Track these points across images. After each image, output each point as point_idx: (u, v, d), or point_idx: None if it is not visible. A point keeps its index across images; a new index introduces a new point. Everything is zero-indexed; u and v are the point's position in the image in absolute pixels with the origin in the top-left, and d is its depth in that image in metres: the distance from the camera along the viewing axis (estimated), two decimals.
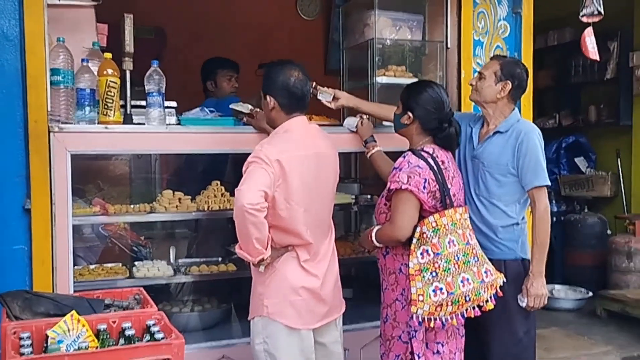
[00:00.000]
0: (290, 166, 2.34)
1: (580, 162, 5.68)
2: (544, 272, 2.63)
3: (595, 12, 3.25)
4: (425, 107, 2.55)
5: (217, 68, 3.99)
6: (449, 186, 2.50)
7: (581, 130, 5.65)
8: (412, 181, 2.43)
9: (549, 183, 2.69)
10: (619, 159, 5.38)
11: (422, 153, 2.51)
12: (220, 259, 3.42)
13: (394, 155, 3.03)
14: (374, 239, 2.58)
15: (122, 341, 1.95)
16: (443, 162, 2.52)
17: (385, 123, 3.33)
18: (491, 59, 2.88)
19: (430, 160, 2.49)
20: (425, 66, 3.62)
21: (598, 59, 3.40)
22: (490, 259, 2.59)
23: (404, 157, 2.53)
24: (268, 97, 2.48)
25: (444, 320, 2.40)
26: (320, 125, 2.79)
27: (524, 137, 2.66)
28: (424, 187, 2.43)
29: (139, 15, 2.94)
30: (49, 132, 2.61)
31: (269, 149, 2.35)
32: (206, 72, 4.01)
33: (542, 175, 2.65)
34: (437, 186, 2.46)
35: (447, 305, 2.37)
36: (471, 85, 2.80)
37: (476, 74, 2.83)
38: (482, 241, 2.65)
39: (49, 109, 2.62)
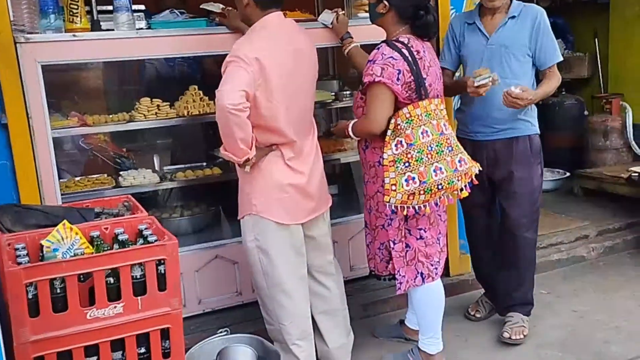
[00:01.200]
0: (270, 63, 2.30)
1: (558, 43, 5.63)
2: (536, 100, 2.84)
3: None
4: None
5: None
6: (425, 76, 2.49)
7: (559, 11, 5.56)
8: (386, 73, 2.41)
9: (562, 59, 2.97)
10: (596, 39, 5.36)
11: (396, 44, 2.48)
12: (204, 163, 3.44)
13: (372, 48, 3.00)
14: (350, 132, 2.60)
15: (116, 246, 2.00)
16: (418, 52, 2.49)
17: (360, 15, 3.26)
18: None
19: (404, 50, 2.46)
20: None
21: None
22: (517, 137, 2.87)
23: (378, 48, 2.50)
24: None
25: (416, 208, 2.46)
26: (295, 20, 2.72)
27: (541, 19, 2.84)
28: (398, 79, 2.42)
29: None
30: (15, 42, 2.52)
31: (247, 47, 2.30)
32: None
33: (558, 53, 2.90)
34: (412, 77, 2.44)
35: (419, 194, 2.43)
36: None
37: None
38: (507, 122, 2.86)
39: (12, 19, 2.51)
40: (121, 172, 3.21)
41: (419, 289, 2.68)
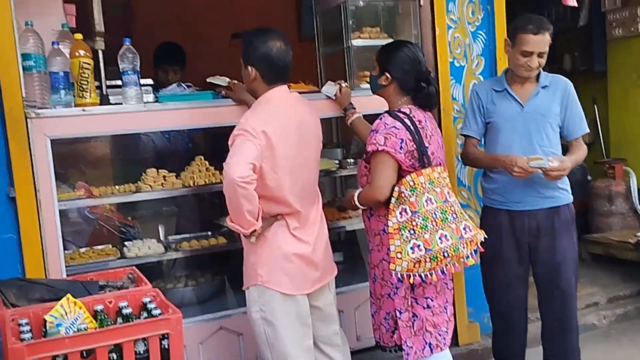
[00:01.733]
0: (276, 136, 2.34)
1: None
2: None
3: None
4: (402, 67, 2.56)
5: (156, 59, 3.82)
6: (427, 145, 2.53)
7: None
8: (389, 142, 2.45)
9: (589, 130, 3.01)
10: (595, 106, 5.45)
11: (398, 114, 2.53)
12: (209, 232, 3.44)
13: (374, 118, 3.06)
14: (356, 201, 2.62)
15: (120, 320, 1.98)
16: (420, 122, 2.54)
17: (362, 86, 3.34)
18: (541, 32, 2.74)
19: (406, 120, 2.50)
20: (399, 26, 3.61)
21: (576, 4, 3.45)
22: (558, 206, 2.88)
23: (381, 119, 2.55)
24: (249, 68, 2.45)
25: (423, 276, 2.44)
26: (299, 92, 2.79)
27: (570, 90, 2.91)
28: (401, 148, 2.46)
29: None
30: (26, 118, 2.58)
31: (254, 121, 2.35)
32: (153, 61, 3.85)
33: (585, 123, 2.96)
34: (415, 145, 2.48)
35: (425, 262, 2.41)
36: (531, 67, 2.80)
37: (532, 56, 2.76)
38: (548, 191, 2.85)
39: (24, 95, 2.58)
40: (126, 243, 3.21)
41: None
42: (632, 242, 4.41)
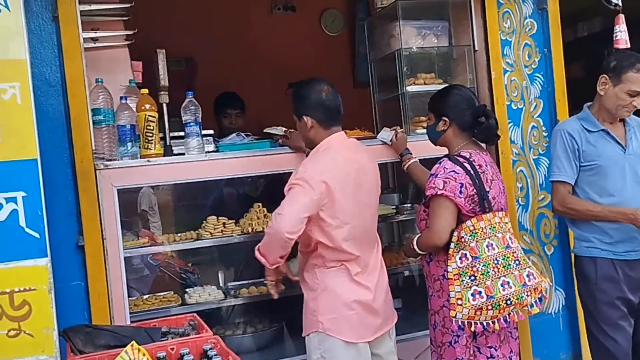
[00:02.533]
0: (335, 184, 2.36)
1: None
2: None
3: (615, 4, 3.23)
4: (457, 107, 2.58)
5: (216, 106, 4.04)
6: (487, 189, 2.49)
7: None
8: (448, 186, 2.43)
9: None
10: None
11: (458, 158, 2.52)
12: None
13: (430, 163, 3.05)
14: (415, 246, 2.59)
15: None
16: (480, 166, 2.51)
17: (417, 131, 3.35)
18: (635, 71, 2.66)
19: (466, 164, 2.49)
20: (454, 70, 3.62)
21: (629, 46, 3.33)
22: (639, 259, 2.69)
23: (440, 163, 2.54)
24: (304, 118, 2.49)
25: (484, 324, 2.37)
26: (355, 138, 2.82)
27: None
28: (461, 192, 2.43)
29: (168, 48, 3.04)
30: (95, 169, 2.71)
31: (313, 169, 2.37)
32: (215, 109, 4.06)
33: None
34: (475, 190, 2.45)
35: (487, 310, 2.35)
36: (635, 108, 2.71)
37: (639, 96, 2.66)
38: None
39: (93, 148, 2.72)
40: (187, 289, 3.27)
41: None
42: None
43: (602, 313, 2.73)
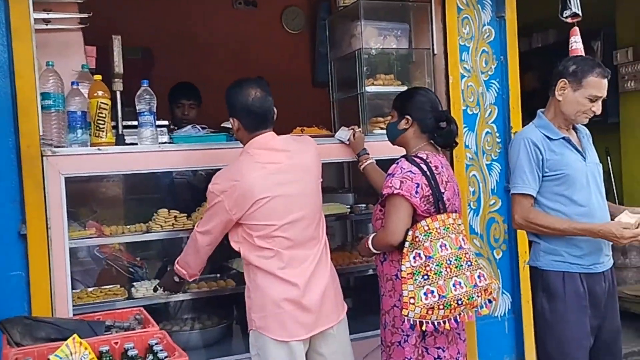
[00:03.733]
0: (249, 185, 2.36)
1: None
2: None
3: (574, 14, 3.30)
4: (421, 108, 2.60)
5: (171, 95, 3.94)
6: (443, 191, 2.52)
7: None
8: (404, 186, 2.45)
9: None
10: (608, 157, 5.43)
11: (415, 159, 2.54)
12: (218, 275, 3.41)
13: (387, 164, 3.06)
14: (370, 245, 2.60)
15: None
16: (436, 167, 2.54)
17: (375, 131, 3.36)
18: (607, 77, 2.66)
19: (423, 165, 2.51)
20: (412, 73, 3.66)
21: (583, 53, 3.41)
22: (604, 272, 2.63)
23: (397, 163, 2.55)
24: (232, 119, 2.51)
25: (436, 324, 2.40)
26: (312, 136, 2.81)
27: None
28: (416, 192, 2.45)
29: (125, 35, 2.95)
30: (42, 156, 2.61)
31: (223, 178, 2.43)
32: (170, 99, 3.96)
33: None
34: (430, 191, 2.48)
35: (438, 309, 2.37)
36: (594, 113, 2.64)
37: (598, 101, 2.61)
38: (608, 250, 2.65)
39: (41, 133, 2.62)
40: (134, 283, 3.19)
41: None
42: None
43: (567, 331, 2.59)
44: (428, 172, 2.49)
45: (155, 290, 2.92)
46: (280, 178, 2.43)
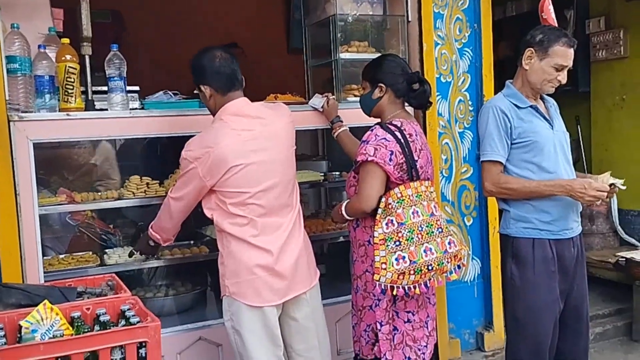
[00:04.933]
0: (222, 152, 2.34)
1: None
2: None
3: None
4: (393, 73, 2.62)
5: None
6: (416, 158, 2.54)
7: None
8: (378, 153, 2.46)
9: None
10: (578, 125, 5.51)
11: (390, 126, 2.55)
12: (192, 241, 3.42)
13: (360, 131, 3.07)
14: (343, 212, 2.62)
15: (97, 327, 1.95)
16: (410, 135, 2.55)
17: (349, 99, 3.36)
18: (574, 46, 2.63)
19: (397, 132, 2.52)
20: (387, 41, 3.65)
21: (555, 24, 3.43)
22: (572, 238, 2.67)
23: (372, 130, 2.56)
24: (202, 87, 2.46)
25: (406, 288, 2.44)
26: (286, 103, 2.79)
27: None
28: (390, 159, 2.47)
29: None
30: (9, 121, 2.56)
31: (196, 145, 2.39)
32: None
33: None
34: (404, 158, 2.50)
35: (409, 274, 2.42)
36: (560, 82, 2.66)
37: (563, 71, 2.63)
38: (578, 215, 2.71)
39: (7, 98, 2.56)
40: (107, 250, 3.18)
41: None
42: (612, 262, 4.44)
43: (537, 296, 2.63)
44: (402, 140, 2.51)
45: (131, 255, 2.91)
46: (254, 145, 2.42)
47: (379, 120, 2.68)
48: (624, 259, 4.28)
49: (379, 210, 2.48)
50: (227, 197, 2.39)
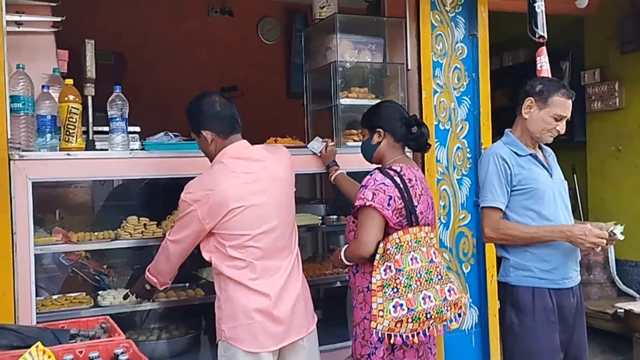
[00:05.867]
0: (222, 196, 2.33)
1: None
2: None
3: (539, 36, 3.38)
4: (390, 117, 2.65)
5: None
6: (416, 204, 2.54)
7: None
8: (377, 198, 2.46)
9: None
10: (574, 175, 5.55)
11: (389, 171, 2.56)
12: (187, 284, 3.38)
13: (357, 176, 3.09)
14: (342, 257, 2.60)
15: None
16: (410, 180, 2.56)
17: (348, 143, 3.39)
18: (572, 98, 2.71)
19: (396, 177, 2.53)
20: (386, 87, 3.70)
21: (549, 75, 3.49)
22: (572, 287, 2.66)
23: (371, 175, 2.57)
24: (203, 133, 2.46)
25: (404, 337, 2.40)
26: (285, 147, 2.80)
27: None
28: (389, 204, 2.46)
29: (98, 40, 2.92)
30: (9, 160, 2.56)
31: (196, 187, 2.39)
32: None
33: None
34: (403, 203, 2.49)
35: (407, 322, 2.38)
36: (559, 132, 2.70)
37: (562, 121, 2.68)
38: (577, 265, 2.71)
39: (9, 137, 2.56)
40: (100, 292, 3.13)
41: None
42: (610, 312, 4.41)
43: (537, 345, 2.60)
44: (401, 185, 2.51)
45: (126, 297, 2.87)
46: (255, 187, 2.42)
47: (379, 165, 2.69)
48: (623, 310, 4.25)
49: (377, 256, 2.47)
50: (226, 239, 2.38)
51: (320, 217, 3.54)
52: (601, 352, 4.38)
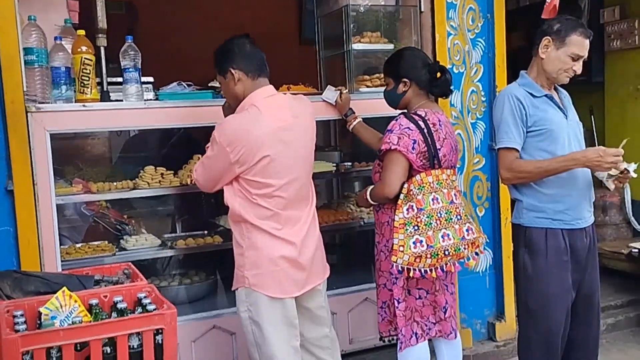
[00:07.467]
0: (256, 141, 2.33)
1: None
2: None
3: None
4: (415, 66, 2.68)
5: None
6: (439, 147, 2.60)
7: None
8: (402, 142, 2.53)
9: None
10: (592, 116, 5.48)
11: (414, 116, 2.61)
12: (205, 231, 3.45)
13: (373, 122, 3.09)
14: (368, 197, 2.69)
15: (114, 314, 1.98)
16: (434, 125, 2.61)
17: (362, 89, 3.37)
18: (590, 37, 2.66)
19: (420, 122, 2.58)
20: (400, 31, 3.64)
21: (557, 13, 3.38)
22: (585, 227, 2.66)
23: (396, 120, 2.63)
24: (230, 71, 2.44)
25: (422, 271, 2.51)
26: (299, 94, 2.80)
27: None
28: (413, 148, 2.53)
29: None
30: (27, 112, 2.59)
31: (231, 128, 2.36)
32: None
33: None
34: (426, 147, 2.56)
35: (426, 258, 2.48)
36: (575, 72, 2.66)
37: (579, 61, 2.64)
38: (591, 205, 2.71)
39: (25, 89, 2.59)
40: (122, 239, 3.22)
41: (405, 352, 2.67)
42: (625, 252, 4.43)
43: (549, 286, 2.63)
44: (425, 129, 2.57)
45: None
46: (285, 136, 2.42)
47: (390, 109, 2.71)
48: (637, 250, 4.27)
49: (401, 196, 2.56)
50: (254, 187, 2.38)
51: (334, 165, 3.56)
52: (614, 292, 4.42)
